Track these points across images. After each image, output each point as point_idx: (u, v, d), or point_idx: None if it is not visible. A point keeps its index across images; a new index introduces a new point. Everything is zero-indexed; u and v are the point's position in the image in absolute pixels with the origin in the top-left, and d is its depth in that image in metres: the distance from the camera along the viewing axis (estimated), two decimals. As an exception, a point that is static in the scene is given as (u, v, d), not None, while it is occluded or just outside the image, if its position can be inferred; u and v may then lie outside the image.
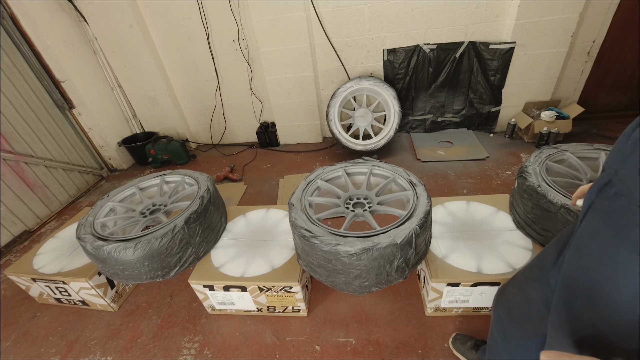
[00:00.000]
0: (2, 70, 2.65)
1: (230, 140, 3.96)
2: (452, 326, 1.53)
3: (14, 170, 2.67)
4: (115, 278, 1.61)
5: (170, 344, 1.63)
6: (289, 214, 1.44)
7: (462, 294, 1.46)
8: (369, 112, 3.18)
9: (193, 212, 1.57)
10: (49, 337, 1.77)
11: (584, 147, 1.74)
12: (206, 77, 3.52)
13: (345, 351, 1.49)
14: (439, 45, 2.98)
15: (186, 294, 1.89)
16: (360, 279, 1.30)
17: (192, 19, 3.14)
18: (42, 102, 2.98)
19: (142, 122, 3.87)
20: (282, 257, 1.63)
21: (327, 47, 3.12)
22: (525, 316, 0.92)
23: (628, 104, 3.15)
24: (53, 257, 1.87)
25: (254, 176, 3.16)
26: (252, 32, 3.11)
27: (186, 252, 1.57)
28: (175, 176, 1.99)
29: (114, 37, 3.22)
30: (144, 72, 3.41)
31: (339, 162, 1.76)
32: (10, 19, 2.73)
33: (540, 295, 0.84)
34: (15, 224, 2.65)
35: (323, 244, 1.25)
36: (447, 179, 2.68)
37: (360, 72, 3.24)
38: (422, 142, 3.31)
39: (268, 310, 1.67)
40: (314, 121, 3.54)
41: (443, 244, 1.57)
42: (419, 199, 1.42)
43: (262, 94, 3.55)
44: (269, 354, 1.52)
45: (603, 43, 2.87)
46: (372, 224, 1.38)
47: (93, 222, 1.67)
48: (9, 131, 2.65)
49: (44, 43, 2.90)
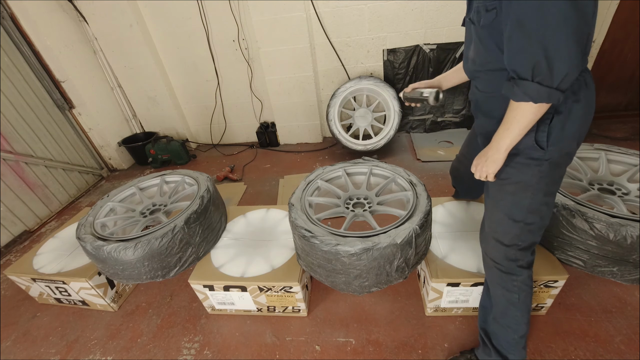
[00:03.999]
0: (2, 70, 2.65)
1: (230, 140, 3.96)
2: (452, 326, 1.53)
3: (14, 170, 2.67)
4: (115, 278, 1.61)
5: (170, 344, 1.63)
6: (289, 214, 1.44)
7: (462, 294, 1.46)
8: (369, 112, 3.17)
9: (193, 212, 1.57)
10: (49, 337, 1.77)
11: (583, 147, 1.74)
12: (206, 77, 3.52)
13: (345, 351, 1.49)
14: (439, 45, 2.98)
15: (186, 294, 1.89)
16: (360, 279, 1.30)
17: (192, 19, 3.14)
18: (42, 102, 2.98)
19: (142, 122, 3.87)
20: (282, 257, 1.62)
21: (327, 47, 3.12)
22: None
23: (628, 104, 3.15)
24: (53, 257, 1.87)
25: (254, 176, 3.16)
26: (252, 32, 3.11)
27: (186, 252, 1.57)
28: (175, 176, 1.99)
29: (114, 37, 3.22)
30: (144, 72, 3.40)
31: (339, 162, 1.76)
32: (10, 19, 2.73)
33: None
34: (15, 224, 2.65)
35: (323, 244, 1.25)
36: (447, 179, 2.68)
37: (360, 72, 3.24)
38: (422, 142, 3.32)
39: (268, 310, 1.67)
40: (314, 121, 3.54)
41: (443, 244, 1.57)
42: (419, 199, 1.42)
43: (262, 94, 3.55)
44: (269, 354, 1.52)
45: (603, 43, 2.87)
46: (372, 224, 1.38)
47: (93, 222, 1.67)
48: (9, 131, 2.65)
49: (44, 43, 2.90)
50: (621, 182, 1.56)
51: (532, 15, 0.76)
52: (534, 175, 0.99)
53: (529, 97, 0.84)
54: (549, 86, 0.81)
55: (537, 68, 0.80)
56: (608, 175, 1.62)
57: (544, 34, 0.76)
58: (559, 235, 1.40)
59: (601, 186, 1.57)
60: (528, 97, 0.84)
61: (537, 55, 0.79)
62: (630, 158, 1.63)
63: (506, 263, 1.13)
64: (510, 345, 1.20)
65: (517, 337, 1.18)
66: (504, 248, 1.11)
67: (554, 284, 1.39)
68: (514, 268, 1.12)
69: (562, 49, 0.77)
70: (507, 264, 1.13)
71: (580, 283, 1.65)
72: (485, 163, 1.03)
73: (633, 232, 1.19)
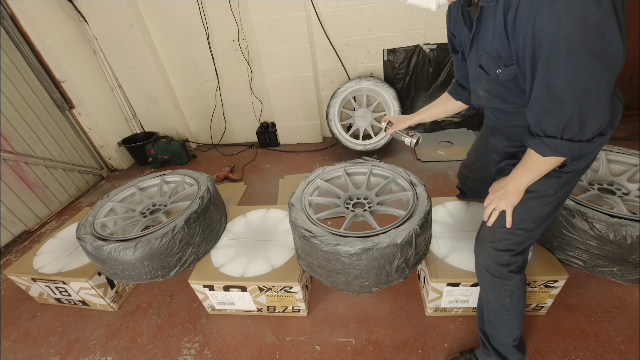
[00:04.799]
0: (2, 70, 2.65)
1: (230, 140, 3.96)
2: (452, 326, 1.53)
3: (14, 170, 2.67)
4: (115, 278, 1.61)
5: (170, 344, 1.63)
6: (289, 214, 1.44)
7: (462, 294, 1.46)
8: (369, 112, 3.17)
9: (193, 212, 1.57)
10: (49, 337, 1.77)
11: (584, 147, 1.74)
12: (206, 77, 3.52)
13: (345, 351, 1.49)
14: (439, 45, 2.98)
15: (186, 294, 1.89)
16: (360, 279, 1.30)
17: (192, 19, 3.14)
18: (42, 102, 2.98)
19: (142, 122, 3.87)
20: (282, 257, 1.62)
21: (327, 47, 3.12)
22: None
23: (628, 104, 3.15)
24: (53, 257, 1.87)
25: (254, 176, 3.16)
26: (252, 32, 3.11)
27: (186, 252, 1.57)
28: (175, 176, 1.99)
29: (114, 37, 3.22)
30: (144, 72, 3.40)
31: (339, 162, 1.76)
32: (10, 19, 2.73)
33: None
34: (15, 224, 2.65)
35: (323, 244, 1.25)
36: (447, 179, 2.68)
37: (360, 72, 3.24)
38: (422, 142, 3.31)
39: (268, 310, 1.67)
40: (314, 121, 3.53)
41: (443, 244, 1.57)
42: (419, 199, 1.42)
43: (262, 94, 3.55)
44: (269, 354, 1.52)
45: (603, 43, 2.87)
46: (372, 224, 1.38)
47: (93, 222, 1.67)
48: (9, 131, 2.65)
49: (44, 43, 2.90)
50: (621, 182, 1.56)
51: (562, 80, 0.72)
52: (550, 186, 0.97)
53: (560, 154, 0.82)
54: (580, 140, 0.78)
55: (567, 127, 0.77)
56: (608, 175, 1.62)
57: (577, 97, 0.72)
58: (559, 235, 1.40)
59: (601, 186, 1.57)
60: (559, 154, 0.82)
61: (568, 117, 0.75)
62: (630, 158, 1.63)
63: (497, 268, 1.10)
64: (506, 347, 1.20)
65: (510, 340, 1.18)
66: (497, 253, 1.09)
67: (554, 284, 1.39)
68: (505, 273, 1.10)
69: (596, 108, 0.74)
70: (498, 269, 1.10)
71: (580, 283, 1.65)
72: (502, 200, 1.01)
73: (633, 232, 1.19)
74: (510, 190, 0.99)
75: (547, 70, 0.72)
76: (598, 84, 0.71)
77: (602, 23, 0.65)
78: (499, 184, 1.05)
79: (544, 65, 0.72)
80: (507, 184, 1.00)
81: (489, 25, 0.84)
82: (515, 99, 0.94)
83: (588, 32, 0.65)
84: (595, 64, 0.68)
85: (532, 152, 0.88)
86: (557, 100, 0.75)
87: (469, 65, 1.05)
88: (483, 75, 0.97)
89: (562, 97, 0.74)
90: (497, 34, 0.82)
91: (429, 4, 0.87)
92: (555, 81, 0.73)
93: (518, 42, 0.76)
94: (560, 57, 0.69)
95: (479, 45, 0.92)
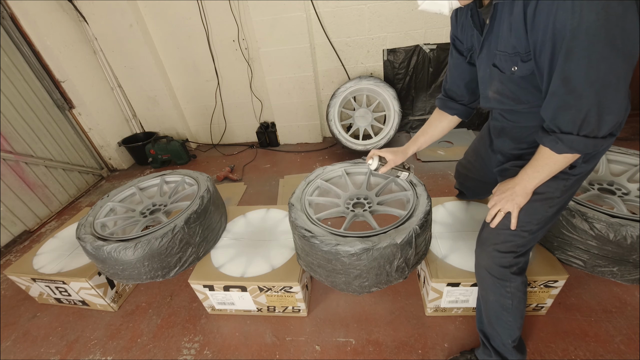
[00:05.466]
0: (2, 70, 2.65)
1: (230, 140, 3.96)
2: (452, 326, 1.53)
3: (14, 170, 2.67)
4: (115, 278, 1.61)
5: (170, 344, 1.63)
6: (289, 214, 1.44)
7: (462, 294, 1.46)
8: (369, 112, 3.18)
9: (193, 212, 1.57)
10: (49, 337, 1.77)
11: (584, 147, 1.74)
12: (206, 77, 3.52)
13: (345, 351, 1.49)
14: (439, 45, 2.98)
15: (186, 294, 1.89)
16: (360, 279, 1.30)
17: (192, 19, 3.14)
18: (42, 102, 2.98)
19: (142, 122, 3.87)
20: (282, 257, 1.62)
21: (327, 47, 3.12)
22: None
23: (628, 104, 3.15)
24: (53, 257, 1.87)
25: (254, 176, 3.16)
26: (252, 32, 3.11)
27: (186, 252, 1.57)
28: (175, 176, 1.99)
29: (114, 37, 3.22)
30: (144, 72, 3.40)
31: (339, 162, 1.76)
32: (10, 19, 2.73)
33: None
34: (15, 224, 2.65)
35: (323, 244, 1.25)
36: (447, 179, 2.68)
37: (360, 72, 3.24)
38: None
39: (268, 310, 1.67)
40: (314, 121, 3.53)
41: (443, 244, 1.57)
42: (419, 199, 1.42)
43: (262, 94, 3.55)
44: (269, 354, 1.52)
45: (603, 43, 2.87)
46: (372, 224, 1.38)
47: (93, 222, 1.67)
48: (9, 131, 2.65)
49: (44, 43, 2.90)
50: (621, 182, 1.56)
51: (581, 72, 0.71)
52: (557, 189, 0.97)
53: (575, 151, 0.81)
54: (596, 137, 0.78)
55: (585, 123, 0.76)
56: (608, 175, 1.62)
57: (596, 91, 0.72)
58: (559, 235, 1.40)
59: (601, 186, 1.57)
60: (574, 151, 0.81)
61: (586, 112, 0.74)
62: (630, 158, 1.63)
63: (499, 270, 1.10)
64: (506, 348, 1.20)
65: (510, 341, 1.17)
66: (500, 255, 1.08)
67: (554, 284, 1.39)
68: (507, 275, 1.09)
69: (614, 103, 0.73)
70: (500, 271, 1.10)
71: (580, 283, 1.65)
72: (509, 201, 1.00)
73: (633, 232, 1.19)
74: (517, 191, 0.98)
75: (566, 63, 0.72)
76: (616, 78, 0.71)
77: (623, 15, 0.65)
78: (506, 185, 1.04)
79: (564, 57, 0.72)
80: (514, 185, 0.99)
81: (505, 22, 0.83)
82: (530, 97, 0.93)
83: (609, 23, 0.65)
84: (615, 57, 0.68)
85: (543, 151, 0.88)
86: (575, 94, 0.74)
87: (478, 67, 1.04)
88: (496, 75, 0.96)
89: (579, 91, 0.73)
90: (514, 29, 0.81)
91: (442, 9, 0.87)
92: (574, 74, 0.72)
93: (537, 35, 0.75)
94: (581, 49, 0.69)
95: (492, 45, 0.92)
